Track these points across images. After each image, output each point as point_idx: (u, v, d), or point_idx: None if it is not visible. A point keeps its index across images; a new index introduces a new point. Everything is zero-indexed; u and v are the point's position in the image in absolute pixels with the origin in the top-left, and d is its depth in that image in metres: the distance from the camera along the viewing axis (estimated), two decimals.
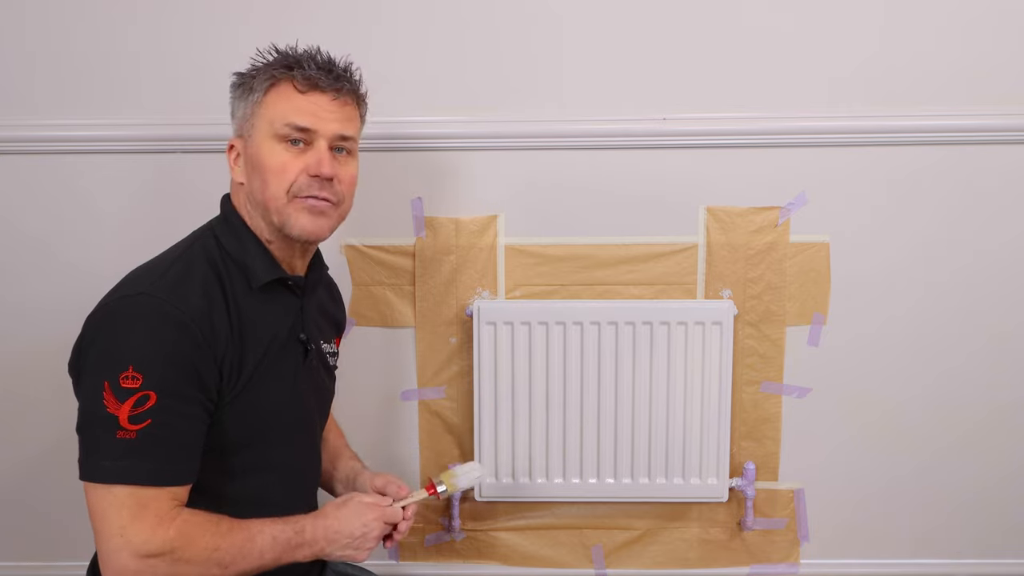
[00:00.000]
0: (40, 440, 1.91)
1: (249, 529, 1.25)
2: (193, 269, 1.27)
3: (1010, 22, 1.73)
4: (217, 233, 1.33)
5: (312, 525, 1.29)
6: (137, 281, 1.25)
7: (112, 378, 1.16)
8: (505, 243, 1.83)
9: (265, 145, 1.30)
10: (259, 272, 1.31)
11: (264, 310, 1.32)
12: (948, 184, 1.79)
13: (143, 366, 1.17)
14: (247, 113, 1.33)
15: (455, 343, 1.87)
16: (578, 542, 1.95)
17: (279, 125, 1.30)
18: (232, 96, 1.37)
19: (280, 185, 1.29)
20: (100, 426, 1.17)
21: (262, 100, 1.31)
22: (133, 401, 1.16)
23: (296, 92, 1.30)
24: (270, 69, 1.32)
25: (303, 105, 1.30)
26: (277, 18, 1.74)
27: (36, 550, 1.97)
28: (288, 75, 1.31)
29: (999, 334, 1.85)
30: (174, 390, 1.19)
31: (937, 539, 1.95)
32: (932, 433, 1.90)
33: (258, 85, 1.32)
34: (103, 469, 1.17)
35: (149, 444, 1.18)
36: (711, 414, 1.82)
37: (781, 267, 1.83)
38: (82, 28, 1.76)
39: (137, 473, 1.17)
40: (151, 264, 1.31)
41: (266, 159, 1.30)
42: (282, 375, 1.34)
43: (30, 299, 1.86)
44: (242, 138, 1.34)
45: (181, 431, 1.21)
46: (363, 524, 1.31)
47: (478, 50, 1.76)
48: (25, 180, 1.81)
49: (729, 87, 1.76)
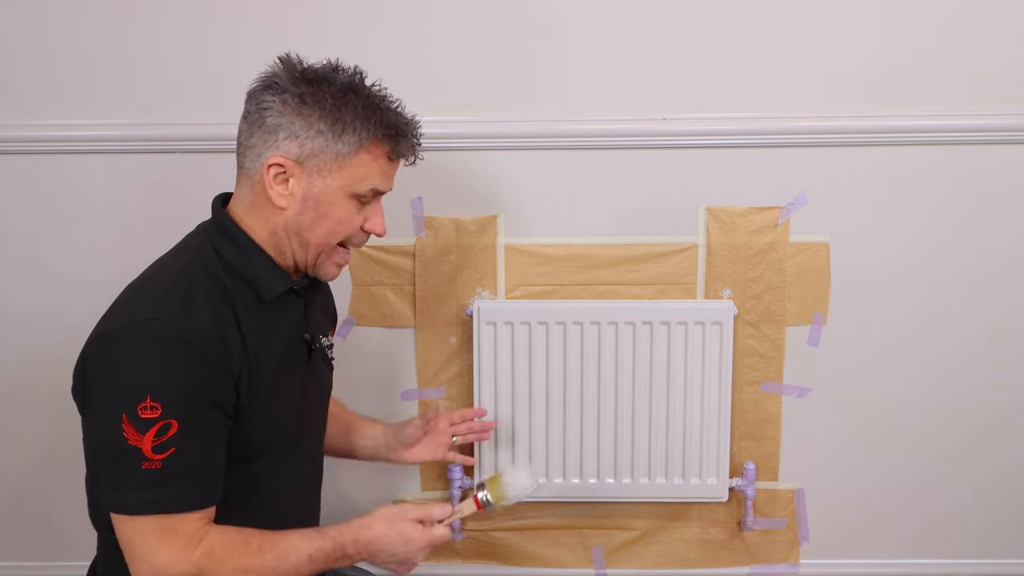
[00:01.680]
0: (40, 441, 1.91)
1: (282, 546, 1.23)
2: (196, 286, 1.23)
3: (1010, 22, 1.73)
4: (216, 245, 1.27)
5: (354, 541, 1.26)
6: (140, 305, 1.21)
7: (130, 410, 1.14)
8: (505, 243, 1.83)
9: (339, 197, 1.26)
10: (271, 286, 1.28)
11: (272, 320, 1.30)
12: (948, 184, 1.79)
13: (160, 395, 1.14)
14: (327, 154, 1.24)
15: (455, 343, 1.87)
16: (578, 542, 1.95)
17: (364, 188, 1.27)
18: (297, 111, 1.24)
19: (337, 235, 1.28)
20: (124, 458, 1.15)
21: (354, 155, 1.25)
22: (155, 431, 1.14)
23: (385, 158, 1.28)
24: (369, 125, 1.24)
25: (388, 171, 1.30)
26: (277, 18, 1.74)
27: (36, 550, 1.97)
28: (389, 141, 1.27)
29: (999, 334, 1.85)
30: (194, 415, 1.17)
31: (937, 539, 1.95)
32: (932, 433, 1.90)
33: (350, 136, 1.24)
34: (131, 501, 1.16)
35: (176, 472, 1.16)
36: (711, 414, 1.82)
37: (781, 267, 1.82)
38: (82, 28, 1.75)
39: (167, 502, 1.17)
40: (149, 283, 1.26)
41: (335, 211, 1.26)
42: (293, 378, 1.34)
43: (30, 299, 1.86)
44: (302, 168, 1.24)
45: (205, 454, 1.20)
46: (407, 552, 1.29)
47: (478, 50, 1.76)
48: (25, 180, 1.81)
49: (729, 87, 1.76)
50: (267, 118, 1.24)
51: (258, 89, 1.27)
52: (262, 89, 1.26)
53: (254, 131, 1.26)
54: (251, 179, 1.27)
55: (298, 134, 1.23)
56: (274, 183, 1.25)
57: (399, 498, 1.94)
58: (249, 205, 1.29)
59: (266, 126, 1.24)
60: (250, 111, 1.27)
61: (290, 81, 1.25)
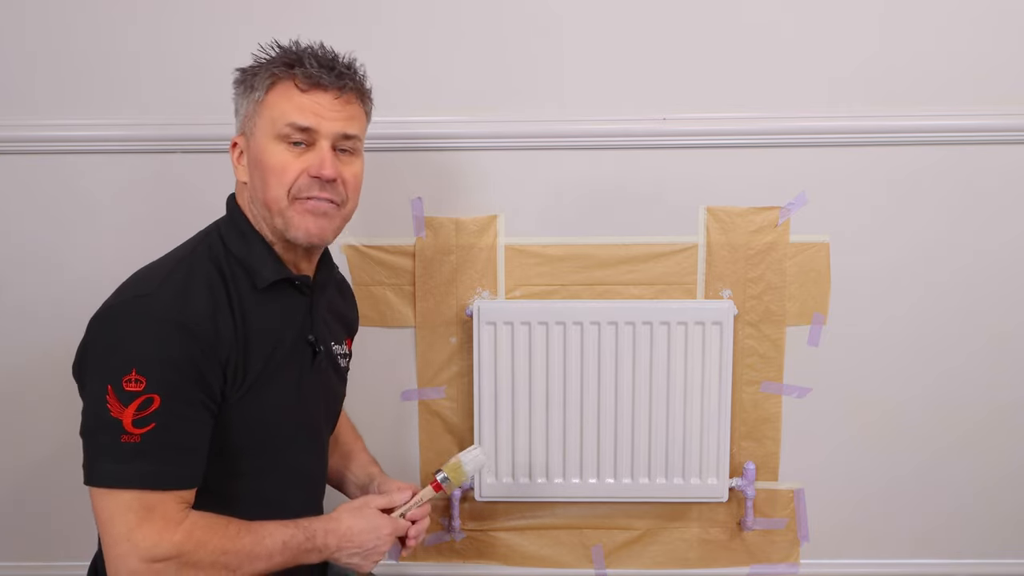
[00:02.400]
0: (41, 441, 1.91)
1: (259, 532, 1.24)
2: (197, 271, 1.25)
3: (1010, 22, 1.73)
4: (222, 233, 1.32)
5: (324, 530, 1.28)
6: (141, 283, 1.24)
7: (115, 382, 1.15)
8: (505, 243, 1.83)
9: (267, 145, 1.27)
10: (264, 272, 1.29)
11: (270, 312, 1.30)
12: (948, 184, 1.79)
13: (146, 369, 1.16)
14: (249, 111, 1.30)
15: (455, 343, 1.87)
16: (578, 542, 1.95)
17: (280, 125, 1.27)
18: (235, 93, 1.34)
19: (281, 186, 1.27)
20: (104, 430, 1.16)
21: (263, 99, 1.29)
22: (137, 404, 1.15)
23: (297, 91, 1.27)
24: (271, 66, 1.29)
25: (305, 104, 1.27)
26: (277, 18, 1.74)
27: (36, 550, 1.97)
28: (289, 73, 1.28)
29: (999, 334, 1.85)
30: (178, 393, 1.18)
31: (937, 539, 1.95)
32: (932, 433, 1.90)
33: (259, 83, 1.29)
34: (109, 473, 1.16)
35: (154, 447, 1.16)
36: (711, 414, 1.82)
37: (781, 267, 1.83)
38: (82, 28, 1.76)
39: (143, 477, 1.16)
40: (155, 265, 1.29)
41: (267, 159, 1.27)
42: (288, 377, 1.33)
43: (31, 300, 1.86)
44: (244, 136, 1.32)
45: (186, 434, 1.20)
46: (376, 537, 1.31)
47: (478, 50, 1.76)
48: (25, 180, 1.81)
49: (729, 87, 1.76)
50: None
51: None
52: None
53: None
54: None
55: (238, 108, 1.34)
56: (237, 163, 1.33)
57: None
58: (239, 196, 1.35)
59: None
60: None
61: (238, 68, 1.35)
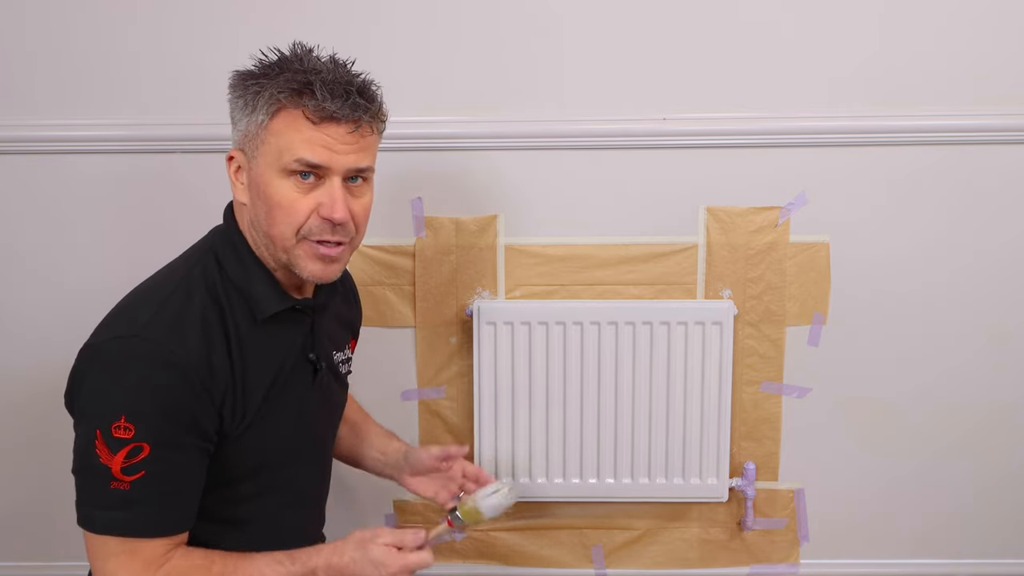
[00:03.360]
0: (41, 441, 1.90)
1: (245, 570, 1.18)
2: (192, 300, 1.18)
3: (1010, 22, 1.73)
4: (219, 256, 1.22)
5: (327, 566, 1.20)
6: (133, 316, 1.16)
7: (104, 427, 1.11)
8: (505, 243, 1.83)
9: (271, 178, 1.15)
10: (264, 303, 1.21)
11: (269, 341, 1.23)
12: (948, 184, 1.79)
13: (136, 417, 1.11)
14: (249, 131, 1.17)
15: (455, 343, 1.86)
16: (578, 542, 1.95)
17: (287, 159, 1.13)
18: (230, 98, 1.21)
19: (288, 225, 1.16)
20: (93, 475, 1.13)
21: (267, 125, 1.14)
22: (126, 452, 1.11)
23: (307, 122, 1.13)
24: (276, 89, 1.13)
25: (315, 138, 1.13)
26: (277, 18, 1.74)
27: (36, 550, 1.97)
28: (298, 102, 1.13)
29: (999, 334, 1.85)
30: (168, 440, 1.13)
31: (937, 539, 1.95)
32: (932, 433, 1.90)
33: (261, 104, 1.14)
34: (96, 519, 1.14)
35: (143, 495, 1.13)
36: (711, 414, 1.82)
37: (781, 267, 1.82)
38: (82, 28, 1.75)
39: (131, 525, 1.14)
40: (149, 291, 1.21)
41: (272, 194, 1.15)
42: (289, 402, 1.28)
43: (30, 300, 1.86)
44: (244, 154, 1.18)
45: (177, 480, 1.16)
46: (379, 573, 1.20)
47: (478, 50, 1.76)
48: (25, 180, 1.81)
49: (729, 87, 1.76)
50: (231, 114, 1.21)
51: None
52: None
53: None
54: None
55: (235, 119, 1.19)
56: (235, 179, 1.20)
57: (399, 498, 1.94)
58: (237, 211, 1.24)
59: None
60: None
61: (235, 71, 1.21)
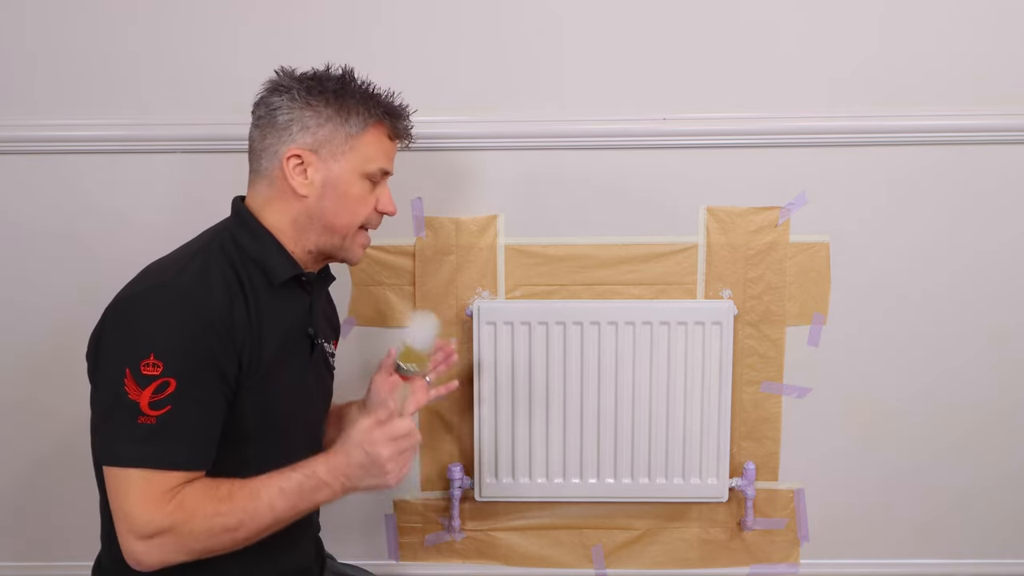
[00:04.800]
0: (41, 441, 1.90)
1: (251, 485, 1.24)
2: (211, 264, 1.30)
3: (1010, 22, 1.73)
4: (233, 233, 1.35)
5: (325, 466, 1.25)
6: (160, 272, 1.29)
7: (134, 365, 1.19)
8: (505, 243, 1.83)
9: (354, 179, 1.36)
10: (278, 270, 1.34)
11: (280, 306, 1.35)
12: (948, 184, 1.79)
13: (164, 354, 1.19)
14: (335, 138, 1.34)
15: (455, 343, 1.86)
16: (578, 542, 1.95)
17: (373, 167, 1.37)
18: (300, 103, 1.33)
19: (357, 216, 1.38)
20: (121, 411, 1.19)
21: (360, 136, 1.35)
22: (154, 387, 1.19)
23: (387, 138, 1.39)
24: (370, 107, 1.36)
25: (390, 151, 1.41)
26: (277, 19, 1.74)
27: (36, 550, 1.97)
28: (389, 121, 1.39)
29: (999, 334, 1.85)
30: (194, 377, 1.21)
31: (937, 539, 1.95)
32: (932, 433, 1.90)
33: (356, 119, 1.35)
34: (124, 453, 1.20)
35: (169, 429, 1.20)
36: (711, 414, 1.82)
37: (781, 267, 1.82)
38: (82, 28, 1.75)
39: (156, 457, 1.20)
40: (168, 258, 1.34)
41: (352, 190, 1.36)
42: (294, 367, 1.38)
43: (30, 300, 1.86)
44: (317, 155, 1.34)
45: (200, 417, 1.23)
46: (367, 452, 1.24)
47: (479, 50, 1.76)
48: (25, 180, 1.81)
49: (729, 87, 1.76)
50: (278, 117, 1.34)
51: (264, 95, 1.37)
52: (268, 94, 1.36)
53: (267, 133, 1.35)
54: (269, 176, 1.35)
55: (309, 124, 1.34)
56: (294, 174, 1.34)
57: (399, 497, 1.94)
58: (266, 200, 1.36)
59: (278, 124, 1.34)
60: (260, 116, 1.36)
61: (294, 79, 1.36)
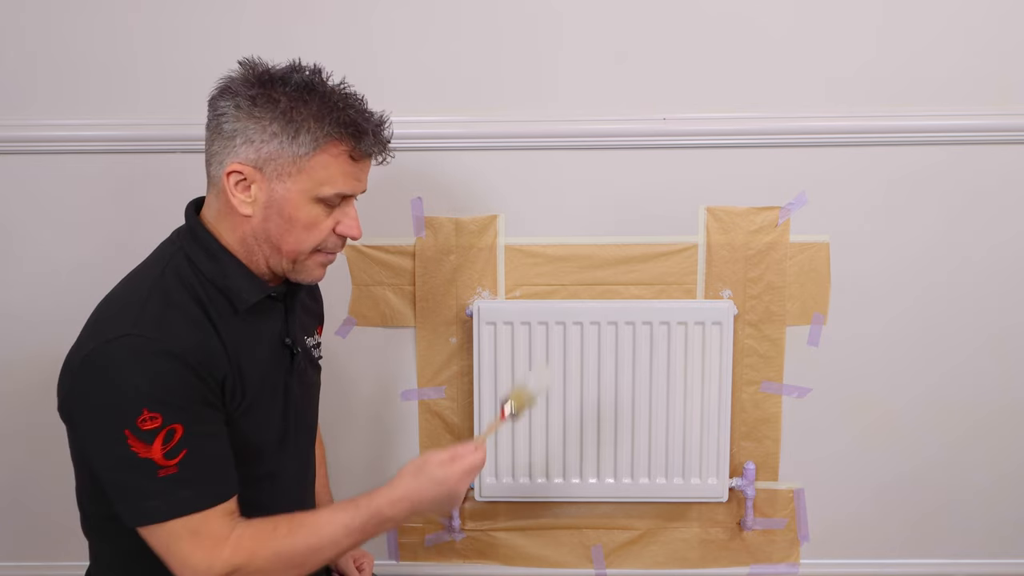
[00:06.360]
0: (40, 440, 1.90)
1: (312, 524, 1.22)
2: (171, 299, 1.21)
3: (1010, 22, 1.73)
4: (189, 254, 1.25)
5: (390, 505, 1.23)
6: (116, 320, 1.19)
7: (131, 425, 1.14)
8: (505, 243, 1.83)
9: (301, 203, 1.22)
10: (244, 294, 1.26)
11: (252, 328, 1.28)
12: (948, 184, 1.79)
13: (156, 404, 1.14)
14: (284, 159, 1.21)
15: (455, 343, 1.86)
16: (578, 542, 1.95)
17: (327, 191, 1.22)
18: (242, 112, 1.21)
19: (307, 242, 1.25)
20: (138, 471, 1.15)
21: (310, 158, 1.20)
22: (162, 438, 1.15)
23: (348, 159, 1.23)
24: (324, 123, 1.20)
25: (352, 173, 1.24)
26: (276, 18, 1.74)
27: (36, 550, 1.97)
28: (348, 139, 1.22)
29: (999, 334, 1.85)
30: (195, 415, 1.18)
31: (937, 539, 1.95)
32: (932, 433, 1.90)
33: (306, 137, 1.20)
34: (159, 510, 1.17)
35: (193, 471, 1.17)
36: (711, 414, 1.82)
37: (781, 267, 1.82)
38: (82, 28, 1.75)
39: (190, 502, 1.17)
40: (123, 296, 1.25)
41: (298, 215, 1.22)
42: (276, 384, 1.33)
43: (29, 299, 1.86)
44: (262, 173, 1.21)
45: (215, 448, 1.21)
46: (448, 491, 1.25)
47: (478, 50, 1.76)
48: (25, 180, 1.81)
49: (729, 87, 1.76)
50: (223, 124, 1.22)
51: (215, 95, 1.24)
52: (218, 95, 1.24)
53: (214, 138, 1.23)
54: (216, 187, 1.25)
55: (253, 139, 1.21)
56: (236, 191, 1.22)
57: None
58: (217, 213, 1.27)
59: (224, 132, 1.22)
60: (209, 118, 1.24)
61: (243, 84, 1.22)
